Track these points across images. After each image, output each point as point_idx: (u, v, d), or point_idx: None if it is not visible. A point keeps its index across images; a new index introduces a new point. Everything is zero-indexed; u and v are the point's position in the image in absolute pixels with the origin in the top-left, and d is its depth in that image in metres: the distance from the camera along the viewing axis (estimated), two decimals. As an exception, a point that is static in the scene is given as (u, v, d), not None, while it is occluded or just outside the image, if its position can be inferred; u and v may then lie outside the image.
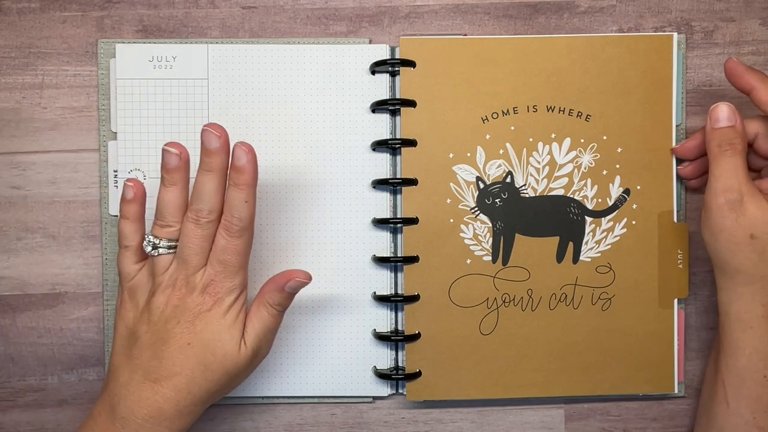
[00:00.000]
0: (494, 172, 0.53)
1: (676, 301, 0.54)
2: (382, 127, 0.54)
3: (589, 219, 0.54)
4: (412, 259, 0.53)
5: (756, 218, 0.46)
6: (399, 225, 0.53)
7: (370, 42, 0.55)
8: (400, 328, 0.54)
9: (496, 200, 0.53)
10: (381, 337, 0.54)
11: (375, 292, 0.54)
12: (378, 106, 0.53)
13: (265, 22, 0.55)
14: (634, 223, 0.54)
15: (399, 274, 0.54)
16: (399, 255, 0.53)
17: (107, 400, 0.45)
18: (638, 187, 0.53)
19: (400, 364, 0.54)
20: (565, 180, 0.53)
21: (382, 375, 0.54)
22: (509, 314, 0.54)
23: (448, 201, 0.53)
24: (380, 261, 0.53)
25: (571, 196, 0.53)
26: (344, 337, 0.54)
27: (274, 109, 0.54)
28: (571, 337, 0.54)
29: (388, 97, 0.54)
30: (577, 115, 0.53)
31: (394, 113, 0.54)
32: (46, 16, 0.54)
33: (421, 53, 0.53)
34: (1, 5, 0.54)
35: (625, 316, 0.54)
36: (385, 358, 0.54)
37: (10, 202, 0.54)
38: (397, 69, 0.53)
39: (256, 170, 0.45)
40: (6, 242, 0.54)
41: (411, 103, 0.53)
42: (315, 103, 0.54)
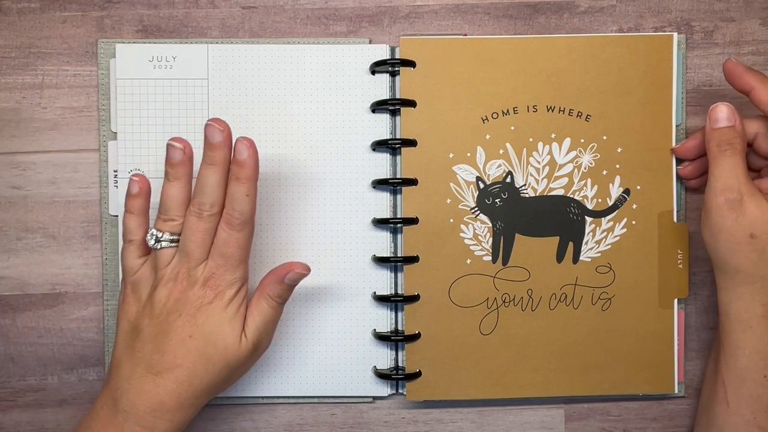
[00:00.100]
0: (494, 172, 0.53)
1: (676, 301, 0.54)
2: (382, 127, 0.54)
3: (589, 219, 0.54)
4: (412, 259, 0.53)
5: (756, 218, 0.46)
6: (399, 225, 0.53)
7: (370, 42, 0.55)
8: (400, 328, 0.54)
9: (496, 200, 0.53)
10: (381, 337, 0.54)
11: (375, 292, 0.54)
12: (378, 106, 0.53)
13: (265, 22, 0.55)
14: (634, 223, 0.54)
15: (399, 274, 0.54)
16: (399, 255, 0.53)
17: (109, 394, 0.45)
18: (638, 187, 0.53)
19: (400, 364, 0.54)
20: (565, 180, 0.53)
21: (382, 375, 0.54)
22: (509, 314, 0.54)
23: (448, 201, 0.53)
24: (380, 261, 0.53)
25: (571, 196, 0.53)
26: (344, 337, 0.54)
27: (274, 109, 0.54)
28: (571, 337, 0.54)
29: (388, 97, 0.54)
30: (577, 115, 0.53)
31: (394, 113, 0.54)
32: (46, 16, 0.54)
33: (421, 53, 0.53)
34: (1, 5, 0.54)
35: (625, 316, 0.54)
36: (385, 358, 0.54)
37: (10, 202, 0.54)
38: (397, 69, 0.53)
39: (257, 164, 0.46)
40: (6, 242, 0.54)
41: (411, 103, 0.53)
42: (315, 103, 0.54)
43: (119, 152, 0.53)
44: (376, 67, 0.53)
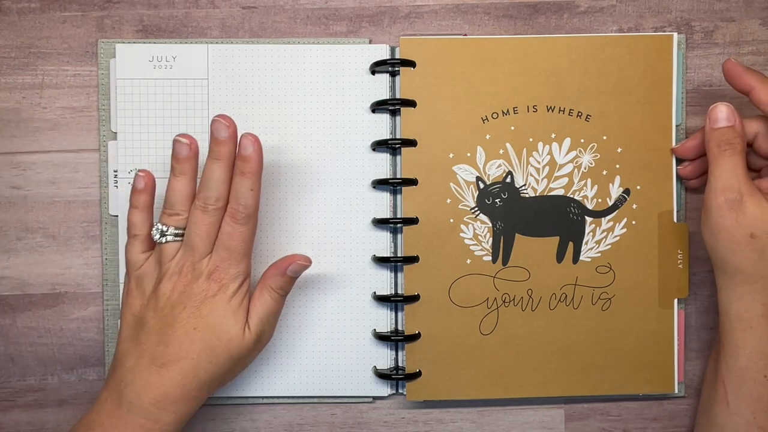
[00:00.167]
0: (494, 172, 0.53)
1: (676, 301, 0.54)
2: (382, 127, 0.54)
3: (589, 219, 0.54)
4: (412, 259, 0.53)
5: (756, 217, 0.46)
6: (399, 225, 0.53)
7: (370, 42, 0.55)
8: (400, 328, 0.54)
9: (496, 200, 0.53)
10: (381, 337, 0.54)
11: (375, 292, 0.54)
12: (378, 106, 0.53)
13: (265, 22, 0.55)
14: (634, 223, 0.54)
15: (399, 274, 0.54)
16: (399, 255, 0.53)
17: (114, 387, 0.46)
18: (638, 187, 0.53)
19: (400, 364, 0.54)
20: (565, 180, 0.53)
21: (382, 375, 0.54)
22: (509, 314, 0.54)
23: (448, 201, 0.53)
24: (380, 261, 0.53)
25: (571, 196, 0.53)
26: (344, 337, 0.54)
27: (274, 109, 0.54)
28: (571, 337, 0.54)
29: (388, 97, 0.54)
30: (577, 115, 0.53)
31: (394, 113, 0.54)
32: (46, 16, 0.54)
33: (421, 53, 0.53)
34: (1, 5, 0.54)
35: (625, 316, 0.54)
36: (385, 358, 0.54)
37: (10, 202, 0.54)
38: (397, 69, 0.53)
39: (261, 160, 0.47)
40: (6, 242, 0.54)
41: (411, 103, 0.53)
42: (315, 103, 0.54)
43: (119, 152, 0.53)
44: (376, 67, 0.53)
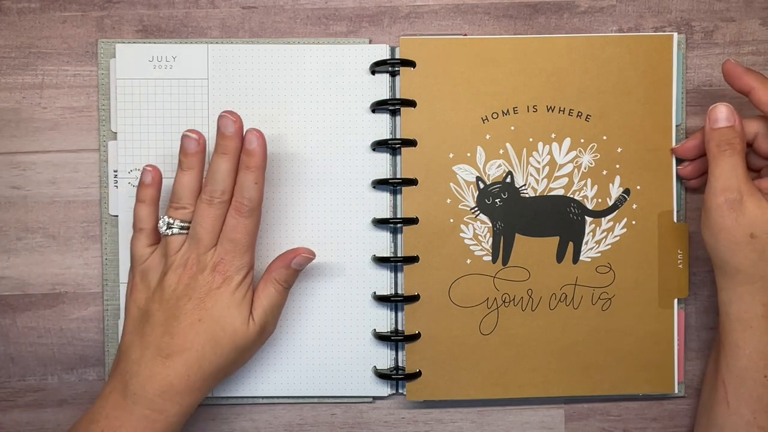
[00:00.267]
0: (494, 172, 0.53)
1: (676, 301, 0.54)
2: (382, 127, 0.54)
3: (589, 219, 0.54)
4: (412, 259, 0.53)
5: (756, 217, 0.46)
6: (399, 225, 0.53)
7: (370, 42, 0.55)
8: (400, 328, 0.54)
9: (496, 200, 0.53)
10: (381, 337, 0.54)
11: (375, 292, 0.54)
12: (378, 106, 0.53)
13: (265, 22, 0.55)
14: (634, 223, 0.54)
15: (399, 274, 0.54)
16: (399, 255, 0.53)
17: (119, 379, 0.46)
18: (638, 187, 0.53)
19: (400, 364, 0.54)
20: (565, 180, 0.53)
21: (382, 375, 0.54)
22: (509, 314, 0.54)
23: (448, 201, 0.53)
24: (380, 261, 0.53)
25: (571, 196, 0.53)
26: (344, 337, 0.54)
27: (274, 109, 0.54)
28: (571, 337, 0.54)
29: (388, 97, 0.54)
30: (577, 115, 0.53)
31: (394, 113, 0.54)
32: (46, 16, 0.54)
33: (421, 53, 0.53)
34: (1, 5, 0.54)
35: (625, 316, 0.54)
36: (385, 358, 0.54)
37: (10, 202, 0.54)
38: (397, 69, 0.53)
39: (265, 154, 0.48)
40: (6, 242, 0.54)
41: (411, 103, 0.53)
42: (315, 103, 0.54)
43: (119, 152, 0.53)
44: (376, 67, 0.53)
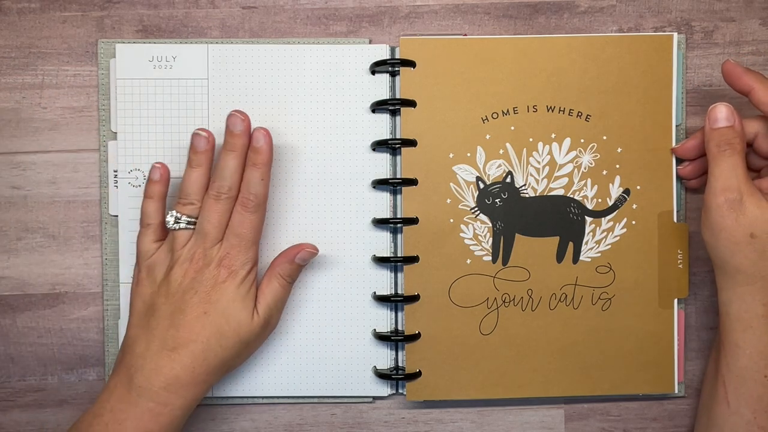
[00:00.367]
0: (494, 172, 0.53)
1: (676, 301, 0.54)
2: (382, 127, 0.54)
3: (589, 219, 0.54)
4: (412, 259, 0.53)
5: (756, 217, 0.46)
6: (399, 225, 0.53)
7: (370, 42, 0.55)
8: (400, 328, 0.54)
9: (496, 200, 0.53)
10: (381, 337, 0.54)
11: (375, 292, 0.54)
12: (378, 106, 0.53)
13: (265, 22, 0.55)
14: (634, 223, 0.54)
15: (399, 274, 0.54)
16: (399, 255, 0.53)
17: (123, 372, 0.47)
18: (638, 187, 0.53)
19: (400, 364, 0.54)
20: (565, 180, 0.53)
21: (382, 375, 0.54)
22: (509, 314, 0.54)
23: (448, 201, 0.53)
24: (380, 261, 0.53)
25: (571, 196, 0.53)
26: (344, 337, 0.54)
27: (274, 109, 0.54)
28: (571, 337, 0.54)
29: (388, 97, 0.54)
30: (577, 115, 0.53)
31: (394, 113, 0.54)
32: (46, 16, 0.54)
33: (421, 53, 0.53)
34: (1, 5, 0.54)
35: (625, 316, 0.54)
36: (385, 358, 0.54)
37: (10, 202, 0.54)
38: (397, 69, 0.53)
39: (272, 152, 0.50)
40: (6, 242, 0.54)
41: (411, 103, 0.53)
42: (315, 103, 0.54)
43: (119, 152, 0.53)
44: (376, 67, 0.53)
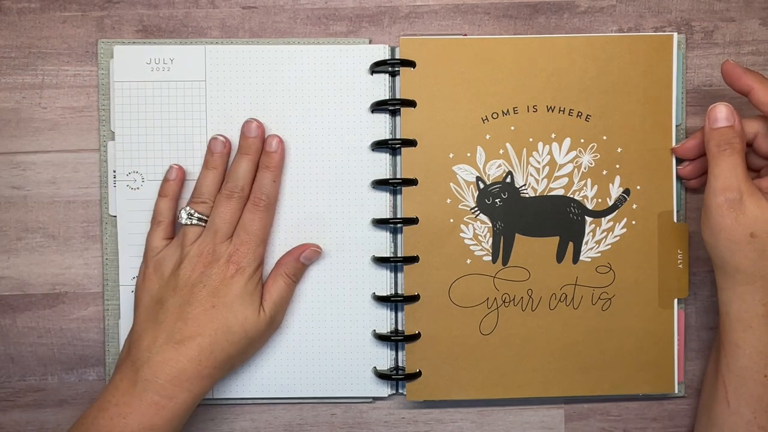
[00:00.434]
0: (494, 172, 0.53)
1: (676, 301, 0.54)
2: (381, 127, 0.54)
3: (589, 219, 0.54)
4: (412, 259, 0.53)
5: (756, 217, 0.46)
6: (399, 225, 0.53)
7: (370, 42, 0.55)
8: (400, 328, 0.54)
9: (496, 200, 0.53)
10: (381, 338, 0.54)
11: (375, 293, 0.54)
12: (378, 107, 0.53)
13: (265, 22, 0.55)
14: (634, 223, 0.54)
15: (399, 274, 0.54)
16: (399, 255, 0.53)
17: (129, 366, 0.48)
18: (638, 187, 0.53)
19: (400, 364, 0.54)
20: (565, 180, 0.53)
21: (382, 375, 0.54)
22: (509, 314, 0.54)
23: (448, 201, 0.53)
24: (380, 261, 0.53)
25: (571, 196, 0.53)
26: (344, 337, 0.54)
27: (274, 110, 0.54)
28: (571, 337, 0.54)
29: (387, 98, 0.54)
30: (577, 115, 0.53)
31: (394, 113, 0.54)
32: (46, 16, 0.54)
33: (421, 53, 0.53)
34: (1, 5, 0.54)
35: (625, 316, 0.54)
36: (385, 359, 0.54)
37: (10, 202, 0.54)
38: (397, 69, 0.53)
39: (284, 157, 0.53)
40: (6, 242, 0.54)
41: (411, 103, 0.53)
42: (315, 103, 0.54)
43: (117, 154, 0.53)
44: (376, 67, 0.53)
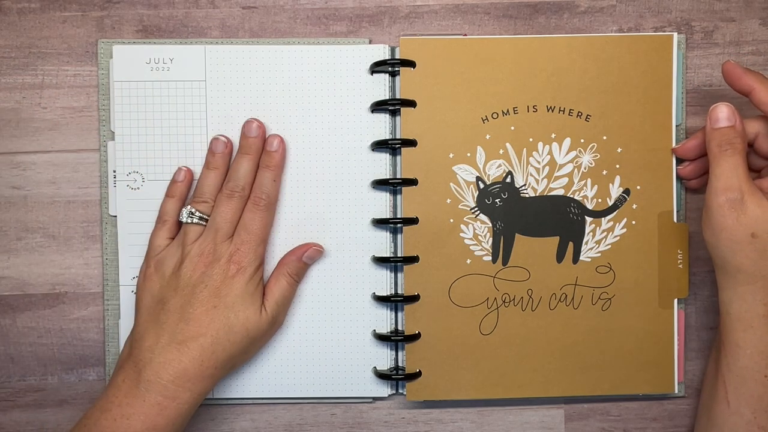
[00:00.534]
0: (494, 172, 0.53)
1: (676, 301, 0.54)
2: (381, 127, 0.54)
3: (589, 219, 0.54)
4: (412, 259, 0.53)
5: (757, 217, 0.46)
6: (399, 225, 0.53)
7: (370, 42, 0.55)
8: (400, 328, 0.54)
9: (496, 200, 0.53)
10: (381, 338, 0.53)
11: (375, 293, 0.54)
12: (378, 107, 0.53)
13: (265, 22, 0.55)
14: (634, 223, 0.54)
15: (399, 274, 0.54)
16: (399, 255, 0.53)
17: (131, 367, 0.48)
18: (638, 187, 0.53)
19: (400, 364, 0.54)
20: (565, 180, 0.53)
21: (382, 375, 0.54)
22: (509, 314, 0.54)
23: (448, 201, 0.53)
24: (380, 261, 0.53)
25: (571, 196, 0.53)
26: (344, 337, 0.54)
27: (274, 110, 0.54)
28: (571, 337, 0.54)
29: (387, 98, 0.54)
30: (577, 115, 0.53)
31: (394, 113, 0.54)
32: (46, 16, 0.54)
33: (421, 53, 0.53)
34: (1, 5, 0.54)
35: (625, 316, 0.54)
36: (385, 359, 0.54)
37: (10, 202, 0.54)
38: (397, 69, 0.53)
39: (284, 156, 0.53)
40: (6, 242, 0.54)
41: (411, 103, 0.53)
42: (315, 103, 0.54)
43: (117, 154, 0.53)
44: (376, 67, 0.53)
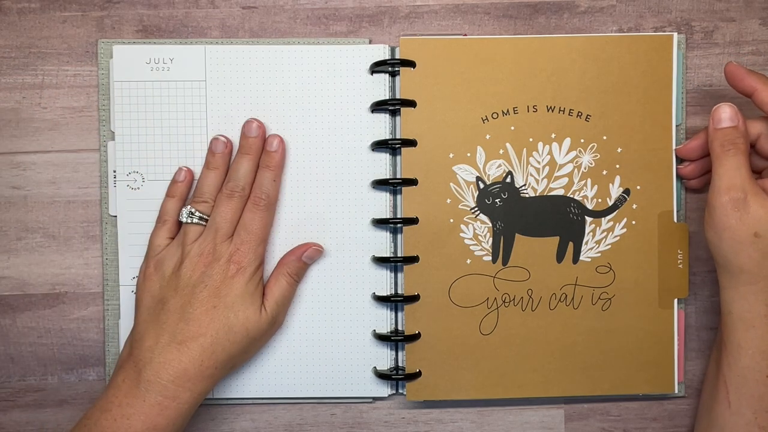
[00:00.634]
0: (494, 172, 0.53)
1: (676, 301, 0.54)
2: (381, 127, 0.54)
3: (589, 219, 0.54)
4: (412, 259, 0.53)
5: (760, 217, 0.46)
6: (399, 225, 0.53)
7: (370, 42, 0.55)
8: (400, 328, 0.54)
9: (496, 200, 0.53)
10: (381, 338, 0.53)
11: (375, 293, 0.54)
12: (378, 107, 0.53)
13: (265, 22, 0.55)
14: (634, 223, 0.54)
15: (399, 274, 0.54)
16: (399, 255, 0.53)
17: (131, 367, 0.48)
18: (638, 187, 0.53)
19: (400, 364, 0.54)
20: (565, 180, 0.53)
21: (382, 375, 0.54)
22: (509, 314, 0.54)
23: (448, 201, 0.53)
24: (380, 261, 0.53)
25: (571, 196, 0.53)
26: (344, 337, 0.54)
27: (274, 110, 0.54)
28: (571, 337, 0.54)
29: (387, 98, 0.54)
30: (577, 115, 0.53)
31: (394, 113, 0.54)
32: (46, 16, 0.54)
33: (421, 53, 0.53)
34: (1, 5, 0.54)
35: (625, 316, 0.54)
36: (385, 359, 0.54)
37: (10, 202, 0.54)
38: (397, 69, 0.53)
39: (284, 156, 0.53)
40: (6, 242, 0.54)
41: (411, 103, 0.53)
42: (315, 103, 0.54)
43: (117, 154, 0.53)
44: (376, 67, 0.53)
